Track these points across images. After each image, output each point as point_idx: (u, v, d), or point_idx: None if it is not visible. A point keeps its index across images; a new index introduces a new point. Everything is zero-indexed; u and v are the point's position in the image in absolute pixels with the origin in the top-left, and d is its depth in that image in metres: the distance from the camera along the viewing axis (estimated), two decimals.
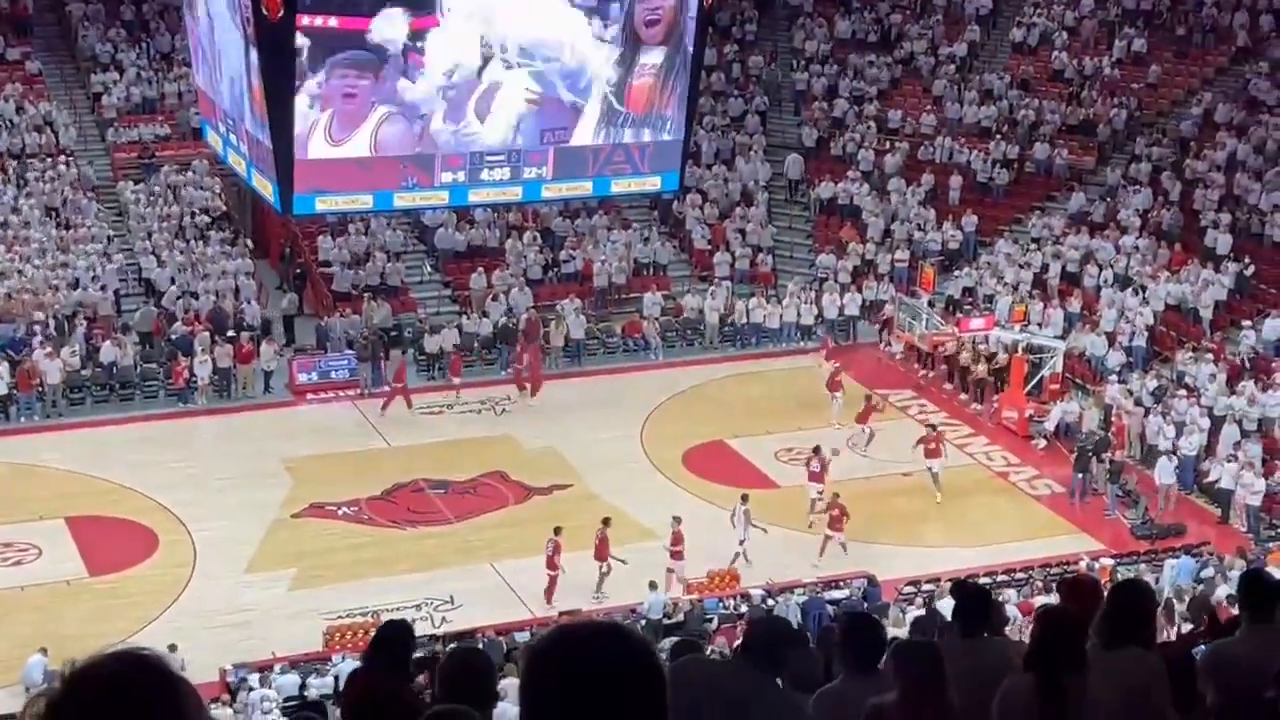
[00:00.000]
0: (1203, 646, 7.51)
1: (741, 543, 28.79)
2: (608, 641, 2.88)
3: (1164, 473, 31.55)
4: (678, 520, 27.94)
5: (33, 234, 39.26)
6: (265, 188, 21.81)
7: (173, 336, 37.27)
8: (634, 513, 30.54)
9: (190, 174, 42.50)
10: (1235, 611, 8.70)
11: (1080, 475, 32.17)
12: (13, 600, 27.23)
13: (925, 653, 5.72)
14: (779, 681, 6.28)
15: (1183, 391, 34.37)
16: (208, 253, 40.22)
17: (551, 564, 27.28)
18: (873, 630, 6.65)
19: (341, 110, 20.64)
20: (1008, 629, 18.53)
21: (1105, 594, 6.88)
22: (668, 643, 23.77)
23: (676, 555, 27.64)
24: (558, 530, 27.59)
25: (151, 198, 41.77)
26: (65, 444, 33.77)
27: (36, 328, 36.29)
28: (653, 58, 22.04)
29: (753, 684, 6.12)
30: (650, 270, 43.21)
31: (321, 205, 22.71)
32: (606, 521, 27.92)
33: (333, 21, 20.10)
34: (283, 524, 30.41)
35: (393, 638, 7.12)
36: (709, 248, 43.88)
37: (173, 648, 23.78)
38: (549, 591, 27.34)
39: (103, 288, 38.39)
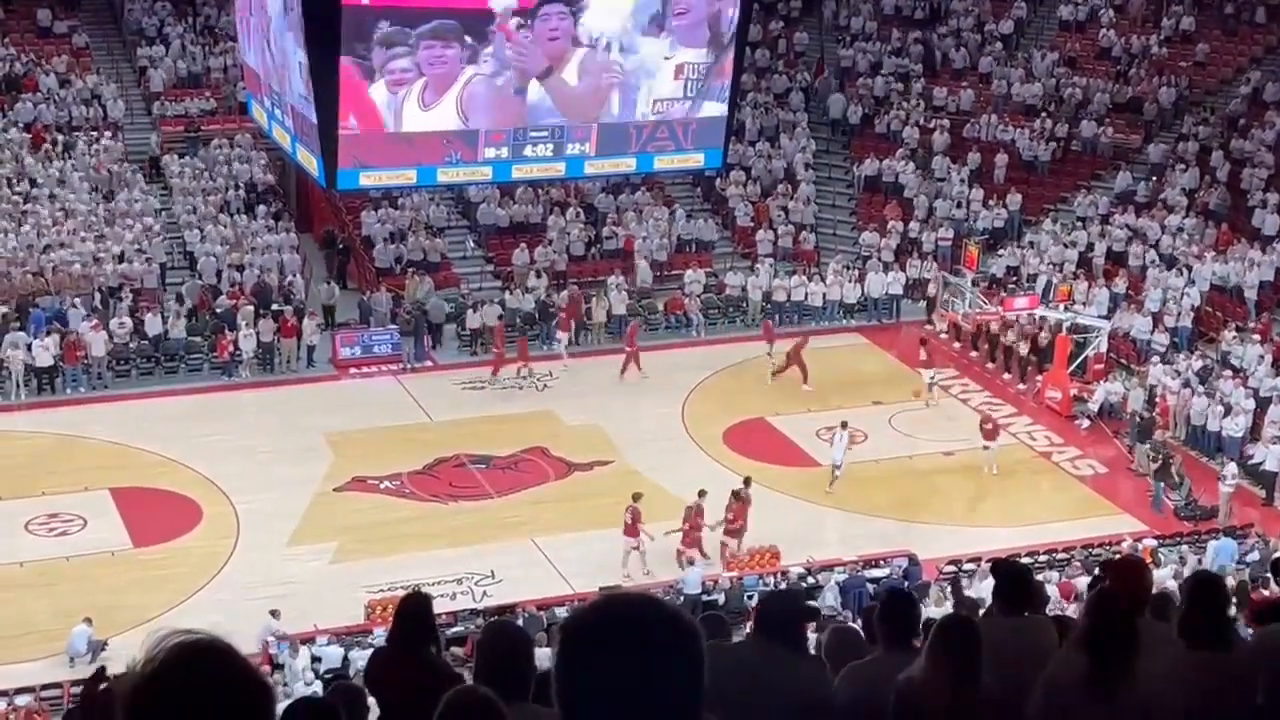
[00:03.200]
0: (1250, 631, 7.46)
1: (837, 467, 30.59)
2: (645, 613, 2.87)
3: None
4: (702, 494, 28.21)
5: (79, 207, 39.53)
6: (309, 162, 21.84)
7: (218, 310, 37.48)
8: (674, 489, 30.56)
9: (236, 148, 42.72)
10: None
11: (1162, 484, 31.13)
12: (58, 570, 27.46)
13: (963, 629, 5.71)
14: (799, 654, 6.28)
15: (1228, 372, 34.15)
16: (252, 227, 40.41)
17: (695, 525, 27.99)
18: (909, 607, 6.67)
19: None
20: (1046, 609, 18.46)
21: (1151, 577, 6.85)
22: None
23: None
24: (702, 493, 28.16)
25: (196, 172, 41.99)
26: (110, 416, 34.01)
27: (77, 301, 36.53)
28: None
29: (771, 661, 6.13)
30: (693, 247, 43.17)
31: (365, 180, 22.73)
32: (748, 481, 28.67)
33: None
34: (325, 497, 30.57)
35: (412, 612, 7.17)
36: (752, 225, 43.81)
37: (275, 613, 24.11)
38: (683, 551, 28.02)
39: (148, 261, 38.61)
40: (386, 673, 6.98)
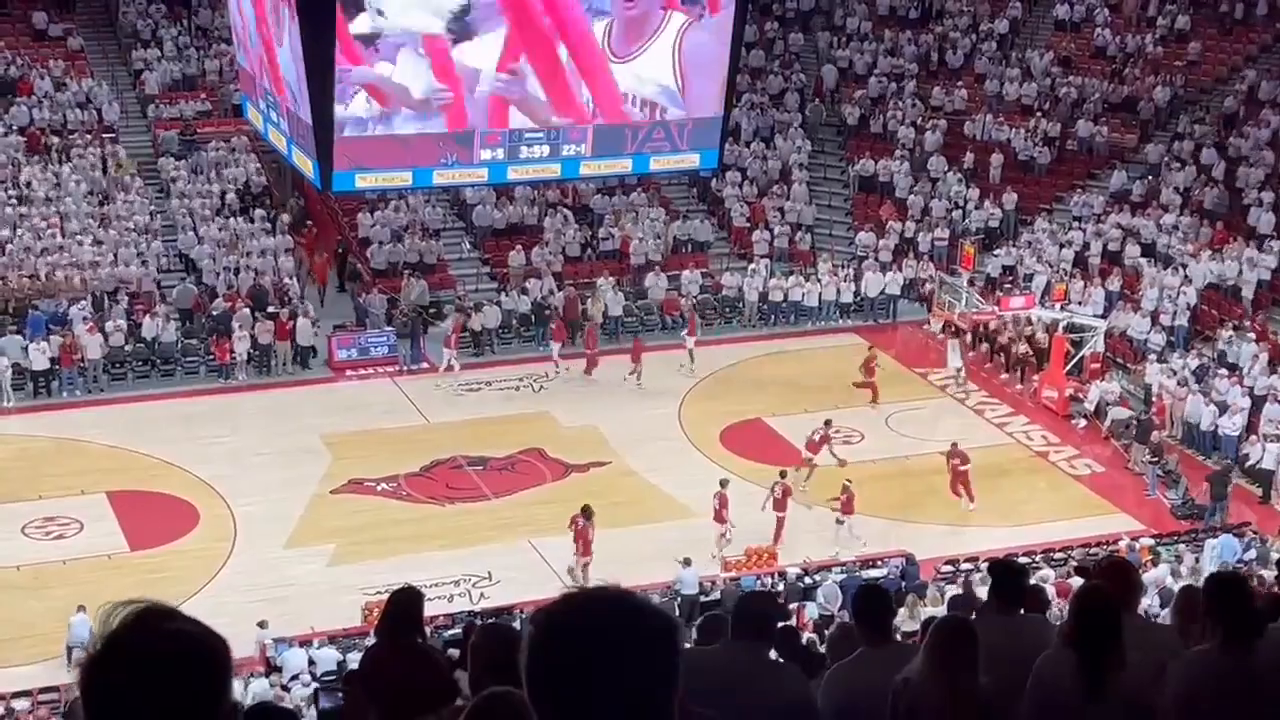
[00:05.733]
0: None
1: (959, 369, 36.55)
2: (618, 606, 2.86)
3: None
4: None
5: (75, 210, 39.48)
6: (305, 165, 21.86)
7: (214, 313, 37.44)
8: (672, 490, 30.64)
9: (231, 151, 42.69)
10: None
11: (1221, 503, 30.33)
12: (55, 574, 27.43)
13: (959, 629, 5.71)
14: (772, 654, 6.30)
15: (1224, 371, 34.17)
16: (248, 229, 40.37)
17: (780, 506, 28.56)
18: (879, 600, 6.70)
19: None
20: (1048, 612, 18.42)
21: (1139, 578, 6.84)
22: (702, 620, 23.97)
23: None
24: (783, 473, 29.26)
25: (192, 175, 41.96)
26: (107, 419, 33.97)
27: (82, 302, 36.53)
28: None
29: (748, 662, 6.13)
30: (689, 248, 43.16)
31: (361, 182, 22.76)
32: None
33: None
34: (322, 499, 30.55)
35: (398, 603, 7.23)
36: (748, 225, 43.81)
37: (263, 624, 24.06)
38: (778, 534, 28.57)
39: (144, 264, 38.58)
40: (380, 668, 7.01)
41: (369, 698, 6.67)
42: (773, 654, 6.90)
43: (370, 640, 23.38)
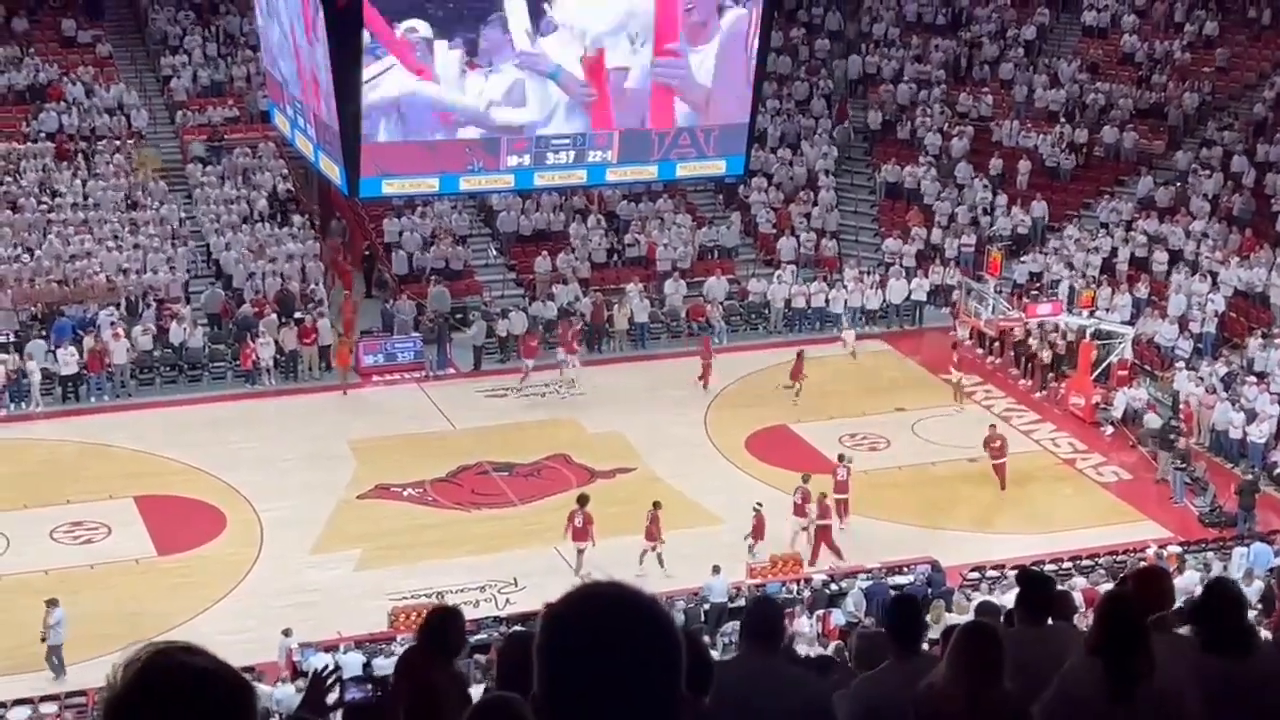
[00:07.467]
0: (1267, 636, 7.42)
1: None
2: (623, 601, 2.91)
3: None
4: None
5: (104, 216, 39.63)
6: (332, 171, 21.87)
7: (239, 318, 37.53)
8: (697, 497, 30.58)
9: (258, 157, 42.81)
10: None
11: (1249, 513, 30.23)
12: (83, 579, 27.51)
13: (981, 633, 5.69)
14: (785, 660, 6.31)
15: (1252, 378, 34.02)
16: (276, 235, 40.46)
17: (840, 503, 29.27)
18: (915, 613, 6.66)
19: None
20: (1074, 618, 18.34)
21: (1173, 585, 6.81)
22: (730, 626, 23.95)
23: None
24: (842, 457, 30.12)
25: (220, 181, 42.07)
26: (134, 424, 34.11)
27: (104, 312, 36.65)
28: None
29: (761, 668, 6.13)
30: (715, 254, 43.13)
31: (388, 188, 22.71)
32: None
33: None
34: (348, 505, 30.60)
35: (430, 625, 7.31)
36: (774, 232, 43.77)
37: (287, 632, 24.10)
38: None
39: (172, 269, 38.72)
40: (406, 671, 7.13)
41: (397, 701, 6.76)
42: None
43: (397, 645, 23.49)
